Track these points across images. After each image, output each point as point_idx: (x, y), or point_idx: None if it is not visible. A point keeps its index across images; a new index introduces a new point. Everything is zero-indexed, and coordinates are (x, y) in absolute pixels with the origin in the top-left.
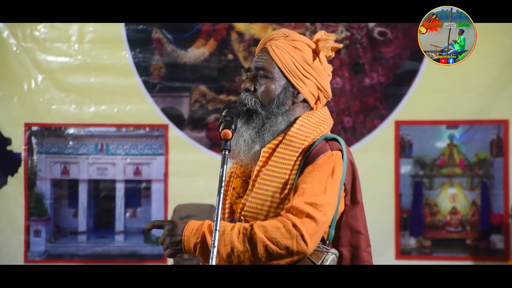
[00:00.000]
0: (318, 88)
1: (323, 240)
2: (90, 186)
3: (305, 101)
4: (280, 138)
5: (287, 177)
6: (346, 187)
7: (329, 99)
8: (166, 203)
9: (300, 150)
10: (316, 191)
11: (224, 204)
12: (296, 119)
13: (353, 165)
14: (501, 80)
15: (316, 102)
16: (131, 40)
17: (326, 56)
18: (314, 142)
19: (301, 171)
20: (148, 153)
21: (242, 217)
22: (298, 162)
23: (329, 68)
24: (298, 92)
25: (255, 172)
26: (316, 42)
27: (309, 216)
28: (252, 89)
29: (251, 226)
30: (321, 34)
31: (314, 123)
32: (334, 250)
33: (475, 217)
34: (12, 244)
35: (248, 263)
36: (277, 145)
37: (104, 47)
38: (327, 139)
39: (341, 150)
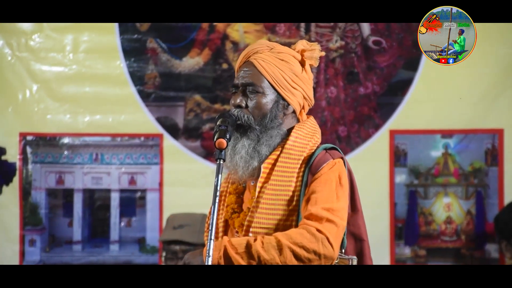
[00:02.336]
0: (304, 98)
1: None
2: (85, 196)
3: (293, 111)
4: (278, 152)
5: (292, 188)
6: None
7: (312, 106)
8: (161, 213)
9: (301, 160)
10: (329, 198)
11: (217, 220)
12: (289, 131)
13: (351, 173)
14: (496, 90)
15: (300, 111)
16: (125, 50)
17: (312, 65)
18: (314, 152)
19: (306, 182)
20: (143, 163)
21: (250, 234)
22: (301, 174)
23: (312, 76)
24: (288, 104)
25: (257, 189)
26: (302, 53)
27: (328, 220)
28: (244, 105)
29: (274, 236)
30: (303, 44)
31: (308, 133)
32: (354, 257)
33: (470, 226)
34: (7, 254)
35: None
36: (276, 160)
37: (99, 57)
38: (326, 149)
39: (342, 158)
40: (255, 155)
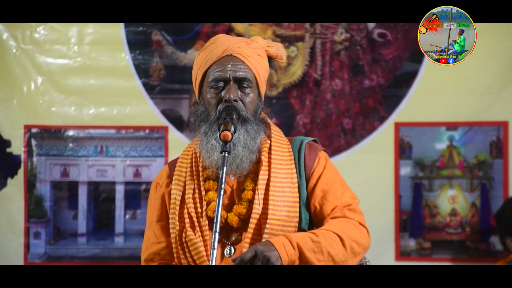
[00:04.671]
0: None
1: None
2: (89, 188)
3: None
4: (267, 145)
5: (291, 180)
6: None
7: None
8: None
9: (288, 149)
10: (346, 191)
11: (198, 216)
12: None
13: None
14: (501, 82)
15: None
16: (130, 42)
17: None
18: (300, 144)
19: (304, 175)
20: (148, 155)
21: (266, 230)
22: (294, 165)
23: None
24: (261, 99)
25: (261, 181)
26: (266, 49)
27: (360, 213)
28: (239, 100)
29: (330, 231)
30: (259, 40)
31: (275, 125)
32: (367, 260)
33: (474, 219)
34: (12, 246)
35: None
36: (269, 152)
37: (104, 49)
38: (308, 142)
39: (324, 150)
40: (255, 148)
